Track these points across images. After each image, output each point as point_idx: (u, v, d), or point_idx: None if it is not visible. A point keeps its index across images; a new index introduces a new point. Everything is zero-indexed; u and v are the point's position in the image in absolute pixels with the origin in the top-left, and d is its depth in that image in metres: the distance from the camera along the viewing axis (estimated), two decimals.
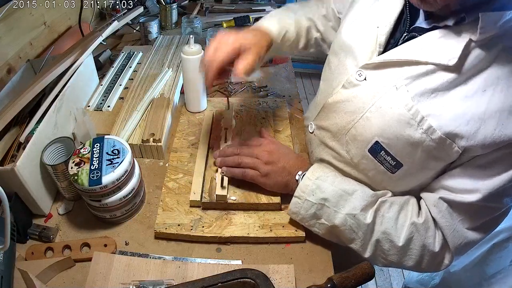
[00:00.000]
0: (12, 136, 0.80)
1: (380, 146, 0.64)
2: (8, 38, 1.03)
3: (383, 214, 0.65)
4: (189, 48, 0.94)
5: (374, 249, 0.66)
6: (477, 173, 0.59)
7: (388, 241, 0.64)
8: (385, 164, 0.65)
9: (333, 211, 0.66)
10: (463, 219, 0.61)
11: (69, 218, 0.79)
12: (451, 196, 0.61)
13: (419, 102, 0.59)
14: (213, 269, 0.67)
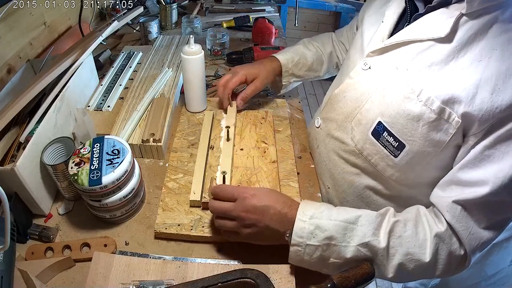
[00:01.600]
0: (12, 136, 0.80)
1: (383, 126, 0.64)
2: (8, 38, 1.03)
3: (401, 235, 0.60)
4: (189, 48, 0.94)
5: (397, 271, 0.60)
6: (485, 160, 0.55)
7: (414, 261, 0.59)
8: (388, 146, 0.65)
9: (343, 247, 0.59)
10: (478, 219, 0.58)
11: (69, 218, 0.79)
12: (463, 195, 0.58)
13: (417, 76, 0.61)
14: (213, 269, 0.67)
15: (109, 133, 0.93)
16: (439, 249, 0.59)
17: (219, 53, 1.38)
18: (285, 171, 0.88)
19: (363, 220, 0.61)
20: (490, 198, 0.55)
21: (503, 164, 0.54)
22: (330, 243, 0.60)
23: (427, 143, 0.61)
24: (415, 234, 0.60)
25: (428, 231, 0.60)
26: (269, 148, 0.91)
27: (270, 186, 0.81)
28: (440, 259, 0.60)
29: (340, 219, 0.61)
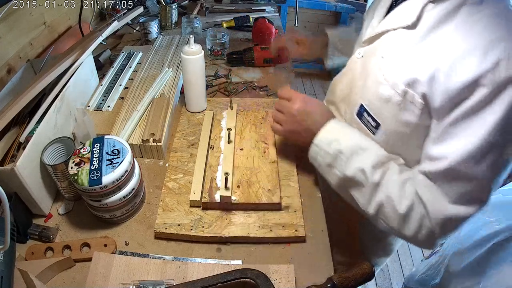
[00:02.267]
0: (12, 136, 0.80)
1: (364, 108, 0.73)
2: (8, 38, 1.03)
3: (391, 179, 0.66)
4: (189, 48, 0.94)
5: (377, 210, 0.68)
6: (447, 137, 0.59)
7: (391, 206, 0.65)
8: (368, 125, 0.73)
9: (345, 163, 0.70)
10: (442, 192, 0.62)
11: (69, 218, 0.79)
12: (428, 167, 0.63)
13: (388, 63, 0.67)
14: (213, 269, 0.67)
15: (109, 133, 0.93)
16: (414, 207, 0.64)
17: (219, 53, 1.38)
18: (285, 171, 0.88)
19: (372, 152, 0.69)
20: (451, 172, 0.59)
21: (462, 140, 0.57)
22: (338, 156, 0.71)
23: (398, 123, 0.67)
24: (402, 186, 0.65)
25: (414, 187, 0.65)
26: (269, 148, 0.91)
27: (270, 186, 0.81)
28: (412, 218, 0.65)
29: (355, 142, 0.71)
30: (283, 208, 0.80)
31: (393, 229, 0.68)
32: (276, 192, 0.80)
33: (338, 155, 0.71)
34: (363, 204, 0.70)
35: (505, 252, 1.03)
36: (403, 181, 0.66)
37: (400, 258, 1.95)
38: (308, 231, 0.77)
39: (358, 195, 0.70)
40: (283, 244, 0.75)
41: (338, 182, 0.73)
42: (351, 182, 0.70)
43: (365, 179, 0.67)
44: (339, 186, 0.74)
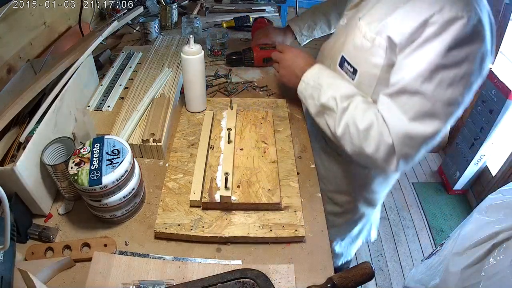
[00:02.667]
0: (12, 136, 0.80)
1: (344, 58, 0.86)
2: (8, 38, 1.03)
3: (356, 105, 0.80)
4: (189, 48, 0.94)
5: (344, 130, 0.80)
6: (403, 66, 0.71)
7: (354, 125, 0.78)
8: (348, 73, 0.86)
9: (322, 93, 0.86)
10: (399, 110, 0.72)
11: (69, 218, 0.79)
12: (389, 90, 0.74)
13: (364, 19, 0.80)
14: (213, 269, 0.67)
15: (109, 133, 0.93)
16: (373, 125, 0.76)
17: (219, 53, 1.38)
18: (285, 171, 0.88)
19: (344, 86, 0.84)
20: (406, 90, 0.70)
21: (414, 64, 0.69)
22: (318, 87, 0.88)
23: (370, 66, 0.79)
24: (366, 110, 0.78)
25: (372, 110, 0.77)
26: (269, 148, 0.91)
27: (270, 186, 0.81)
28: (371, 134, 0.76)
29: (333, 80, 0.87)
30: (283, 208, 0.80)
31: (356, 147, 0.79)
32: (276, 192, 0.80)
33: (317, 87, 0.87)
34: (333, 126, 0.83)
35: (505, 252, 1.03)
36: (366, 107, 0.79)
37: (400, 258, 1.95)
38: (308, 231, 0.77)
39: (330, 120, 0.84)
40: (283, 244, 0.75)
41: (316, 109, 0.88)
42: (325, 108, 0.85)
43: (335, 105, 0.82)
44: (316, 114, 0.89)
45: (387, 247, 2.01)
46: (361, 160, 0.83)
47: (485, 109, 2.03)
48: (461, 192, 2.30)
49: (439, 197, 2.31)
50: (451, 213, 2.21)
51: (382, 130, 0.74)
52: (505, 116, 1.92)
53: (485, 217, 1.18)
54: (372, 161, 0.78)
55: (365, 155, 0.78)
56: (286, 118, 1.06)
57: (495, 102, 1.95)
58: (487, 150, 2.06)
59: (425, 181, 2.43)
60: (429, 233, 2.09)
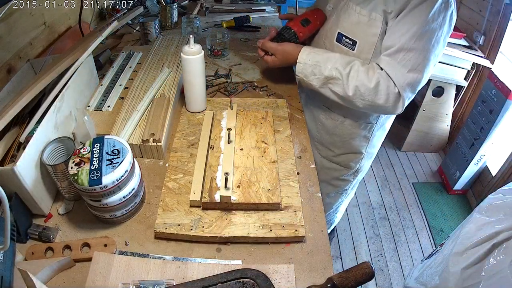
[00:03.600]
0: (12, 136, 0.80)
1: (341, 34, 1.00)
2: (8, 38, 1.03)
3: (358, 69, 0.94)
4: (189, 48, 0.94)
5: (354, 91, 0.95)
6: (396, 29, 0.89)
7: (363, 86, 0.94)
8: (347, 45, 0.99)
9: (323, 68, 0.98)
10: (400, 65, 0.90)
11: (69, 218, 0.79)
12: (388, 51, 0.91)
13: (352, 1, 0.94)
14: (213, 269, 0.67)
15: (109, 133, 0.93)
16: (380, 82, 0.93)
17: (219, 53, 1.38)
18: (285, 171, 0.88)
19: (339, 56, 0.98)
20: (403, 48, 0.88)
21: (407, 26, 0.87)
22: (317, 65, 1.00)
23: (369, 36, 0.95)
24: (367, 71, 0.94)
25: (376, 71, 0.93)
26: (269, 148, 0.91)
27: (270, 186, 0.81)
28: (380, 89, 0.93)
29: (327, 55, 0.99)
30: (283, 208, 0.80)
31: (368, 102, 0.95)
32: (276, 192, 0.80)
33: (316, 64, 1.00)
34: (342, 91, 0.97)
35: (505, 252, 1.03)
36: (366, 68, 0.94)
37: (400, 258, 1.95)
38: (308, 231, 0.77)
39: (337, 87, 0.97)
40: (283, 244, 0.75)
41: (320, 83, 1.00)
42: (329, 79, 0.98)
43: (339, 74, 0.96)
44: (321, 86, 1.00)
45: (387, 247, 2.01)
46: (372, 110, 1.02)
47: (485, 109, 2.03)
48: (461, 192, 2.30)
49: (439, 197, 2.31)
50: (451, 213, 2.21)
51: (388, 84, 0.92)
52: (505, 116, 1.92)
53: (485, 217, 1.18)
54: (383, 109, 0.97)
55: (376, 106, 0.96)
56: (286, 118, 1.06)
57: (495, 102, 1.95)
58: (487, 150, 2.06)
59: (425, 181, 2.43)
60: (429, 233, 2.09)
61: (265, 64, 1.14)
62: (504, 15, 2.03)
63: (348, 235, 2.06)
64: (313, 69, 1.00)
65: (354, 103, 0.97)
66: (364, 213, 2.20)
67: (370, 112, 1.04)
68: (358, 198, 2.28)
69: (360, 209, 2.22)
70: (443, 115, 2.42)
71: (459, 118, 2.49)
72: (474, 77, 2.29)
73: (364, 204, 2.26)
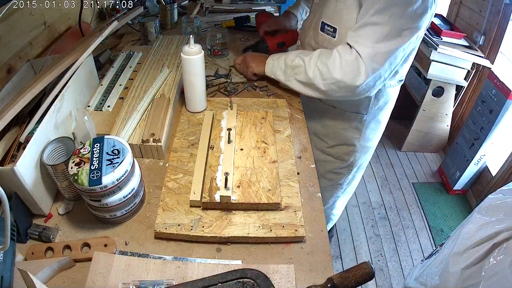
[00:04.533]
0: (12, 136, 0.80)
1: (324, 23, 1.03)
2: (8, 38, 1.03)
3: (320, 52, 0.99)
4: (189, 48, 0.94)
5: (314, 72, 0.98)
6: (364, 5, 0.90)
7: (322, 63, 0.97)
8: (329, 33, 1.02)
9: (288, 59, 1.04)
10: (362, 38, 0.90)
11: (69, 218, 0.79)
12: (353, 27, 0.93)
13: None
14: (213, 269, 0.67)
15: (109, 133, 0.93)
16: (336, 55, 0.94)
17: (219, 53, 1.38)
18: (285, 171, 0.88)
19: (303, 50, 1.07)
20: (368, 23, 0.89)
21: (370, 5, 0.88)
22: (281, 58, 1.07)
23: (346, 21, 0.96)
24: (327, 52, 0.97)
25: (332, 50, 0.97)
26: (269, 148, 0.91)
27: (270, 186, 0.81)
28: (336, 61, 0.94)
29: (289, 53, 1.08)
30: (283, 208, 0.80)
31: (329, 80, 0.95)
32: (276, 192, 0.80)
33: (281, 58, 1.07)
34: (305, 77, 0.99)
35: (505, 252, 1.03)
36: (328, 51, 0.97)
37: (400, 258, 1.95)
38: (308, 231, 0.77)
39: (301, 75, 1.00)
40: (283, 244, 0.75)
41: (285, 74, 1.05)
42: (293, 68, 1.02)
43: (302, 60, 1.00)
44: (287, 79, 1.05)
45: (387, 247, 2.01)
46: (338, 92, 0.98)
47: (485, 109, 2.03)
48: (461, 192, 2.30)
49: (439, 197, 2.31)
50: (451, 213, 2.21)
51: (345, 55, 0.93)
52: (505, 116, 1.92)
53: (485, 217, 1.18)
54: (345, 85, 0.94)
55: (337, 82, 0.95)
56: (286, 118, 1.06)
57: (495, 102, 1.95)
58: (487, 150, 2.06)
59: (425, 181, 2.43)
60: (429, 233, 2.09)
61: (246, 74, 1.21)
62: (504, 15, 2.03)
63: (348, 235, 2.06)
64: (279, 63, 1.06)
65: (317, 86, 0.98)
66: (364, 213, 2.20)
67: (337, 95, 1.00)
68: (358, 198, 2.28)
69: (360, 209, 2.22)
70: (443, 115, 2.42)
71: (459, 118, 2.49)
72: (474, 77, 2.29)
73: (364, 204, 2.26)
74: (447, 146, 2.58)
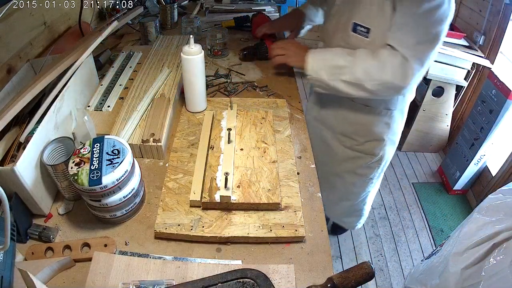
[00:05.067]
0: (12, 136, 0.80)
1: (356, 24, 1.02)
2: (8, 38, 1.03)
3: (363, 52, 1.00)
4: (189, 48, 0.94)
5: (362, 73, 0.98)
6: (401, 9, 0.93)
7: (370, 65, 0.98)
8: (363, 33, 1.02)
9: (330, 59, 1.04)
10: (405, 38, 0.94)
11: (69, 218, 0.79)
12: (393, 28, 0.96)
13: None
14: (213, 269, 0.67)
15: (109, 133, 0.93)
16: (385, 57, 0.96)
17: (219, 53, 1.38)
18: (285, 171, 0.88)
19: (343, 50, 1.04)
20: (408, 26, 0.93)
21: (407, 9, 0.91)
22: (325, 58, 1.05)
23: (380, 22, 0.98)
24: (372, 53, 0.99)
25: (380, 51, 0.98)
26: (269, 148, 0.91)
27: (270, 186, 0.81)
28: (386, 63, 0.96)
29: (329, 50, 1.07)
30: (283, 208, 0.80)
31: (378, 81, 0.98)
32: (276, 192, 0.80)
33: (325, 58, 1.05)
34: (352, 77, 1.00)
35: (505, 252, 1.03)
36: (370, 51, 0.99)
37: (400, 258, 1.95)
38: (308, 231, 0.77)
39: (347, 75, 1.00)
40: (283, 244, 0.75)
41: (330, 74, 1.03)
42: (338, 69, 1.01)
43: (346, 61, 1.00)
44: (331, 78, 1.03)
45: (387, 247, 2.01)
46: (385, 92, 1.02)
47: (485, 109, 2.03)
48: (461, 192, 2.30)
49: (439, 197, 2.31)
50: (451, 213, 2.21)
51: (393, 57, 0.95)
52: (505, 116, 1.92)
53: (485, 217, 1.18)
54: (394, 85, 0.98)
55: (386, 83, 0.98)
56: (286, 118, 1.06)
57: (495, 102, 1.95)
58: (487, 150, 2.06)
59: (425, 181, 2.43)
60: (429, 233, 2.09)
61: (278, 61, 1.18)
62: (504, 15, 2.03)
63: (348, 235, 2.06)
64: (321, 62, 1.05)
65: (365, 87, 1.00)
66: None
67: (384, 95, 1.06)
68: None
69: None
70: (443, 115, 2.42)
71: (459, 118, 2.49)
72: (474, 77, 2.29)
73: None
74: (447, 146, 2.58)
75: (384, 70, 0.96)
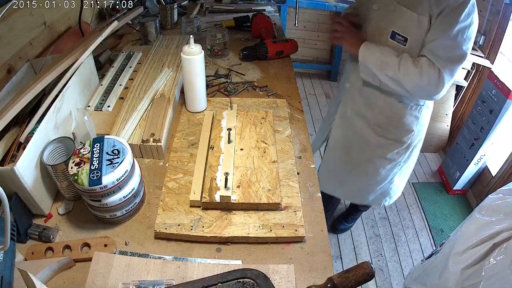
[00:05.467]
0: (12, 136, 0.80)
1: (395, 32, 1.13)
2: (8, 38, 1.03)
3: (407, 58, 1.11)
4: (189, 48, 0.94)
5: (404, 74, 1.11)
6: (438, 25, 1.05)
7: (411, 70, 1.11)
8: (400, 42, 1.14)
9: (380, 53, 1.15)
10: (440, 53, 1.07)
11: (69, 218, 0.79)
12: (430, 43, 1.09)
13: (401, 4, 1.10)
14: (213, 269, 0.67)
15: (109, 133, 0.93)
16: (424, 67, 1.09)
17: (219, 53, 1.38)
18: (285, 171, 0.88)
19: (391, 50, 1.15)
20: (443, 42, 1.06)
21: (444, 26, 1.04)
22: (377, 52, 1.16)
23: (417, 33, 1.10)
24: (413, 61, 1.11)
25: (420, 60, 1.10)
26: (269, 148, 0.91)
27: (270, 186, 0.81)
28: (424, 72, 1.09)
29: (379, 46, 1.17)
30: (283, 208, 0.80)
31: (415, 83, 1.11)
32: (276, 192, 0.80)
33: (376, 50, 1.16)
34: (394, 74, 1.12)
35: (505, 252, 1.03)
36: (413, 58, 1.11)
37: (400, 258, 1.95)
38: (308, 231, 0.77)
39: (390, 71, 1.13)
40: (283, 244, 0.75)
41: (378, 65, 1.15)
42: (385, 63, 1.13)
43: (392, 60, 1.12)
44: (378, 69, 1.16)
45: (387, 247, 2.01)
46: (418, 93, 1.17)
47: (485, 109, 2.03)
48: (461, 192, 2.30)
49: (439, 197, 2.31)
50: (451, 213, 2.21)
51: (431, 68, 1.09)
52: (505, 116, 1.92)
53: (485, 217, 1.18)
54: (427, 91, 1.13)
55: (421, 87, 1.12)
56: (286, 118, 1.06)
57: (495, 102, 1.95)
58: (487, 150, 2.06)
59: (425, 181, 2.43)
60: (429, 233, 2.09)
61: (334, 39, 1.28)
62: (504, 15, 2.03)
63: (348, 235, 2.06)
64: (373, 53, 1.17)
65: (403, 85, 1.14)
66: (364, 213, 2.20)
67: (417, 96, 1.21)
68: None
69: None
70: (443, 115, 2.42)
71: (459, 118, 2.49)
72: (474, 77, 2.29)
73: None
74: (447, 146, 2.58)
75: (422, 77, 1.09)
